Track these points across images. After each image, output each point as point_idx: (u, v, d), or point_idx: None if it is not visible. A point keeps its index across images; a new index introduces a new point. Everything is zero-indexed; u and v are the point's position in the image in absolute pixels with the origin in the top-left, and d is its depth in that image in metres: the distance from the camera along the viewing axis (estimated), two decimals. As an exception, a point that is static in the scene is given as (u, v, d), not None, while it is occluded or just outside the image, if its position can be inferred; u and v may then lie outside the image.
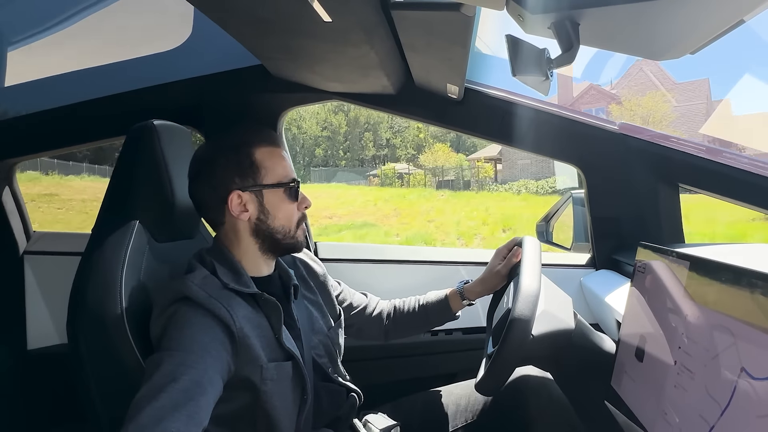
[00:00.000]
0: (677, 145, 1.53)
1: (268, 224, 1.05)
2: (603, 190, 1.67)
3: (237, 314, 0.93)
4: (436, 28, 1.07)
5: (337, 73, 1.50)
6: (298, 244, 1.09)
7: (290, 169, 1.08)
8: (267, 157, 1.05)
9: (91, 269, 1.00)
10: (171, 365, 0.81)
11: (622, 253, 1.64)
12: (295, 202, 1.07)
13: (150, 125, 1.11)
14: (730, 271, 0.59)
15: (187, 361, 0.82)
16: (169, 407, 0.75)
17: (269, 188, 1.04)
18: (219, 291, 0.95)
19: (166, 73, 1.70)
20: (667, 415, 0.67)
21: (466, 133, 1.81)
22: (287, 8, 1.01)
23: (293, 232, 1.07)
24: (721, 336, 0.58)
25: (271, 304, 1.00)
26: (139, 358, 0.93)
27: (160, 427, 0.72)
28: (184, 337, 0.87)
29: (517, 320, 0.90)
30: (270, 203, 1.04)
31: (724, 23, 0.76)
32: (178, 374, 0.80)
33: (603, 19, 0.77)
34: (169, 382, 0.78)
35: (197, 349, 0.85)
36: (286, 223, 1.06)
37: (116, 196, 1.11)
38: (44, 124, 1.71)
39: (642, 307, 0.83)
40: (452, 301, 1.30)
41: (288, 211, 1.06)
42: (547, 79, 0.87)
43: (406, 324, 1.34)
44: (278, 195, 1.05)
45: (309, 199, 1.10)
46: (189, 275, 0.96)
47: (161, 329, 0.90)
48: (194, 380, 0.80)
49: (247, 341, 0.93)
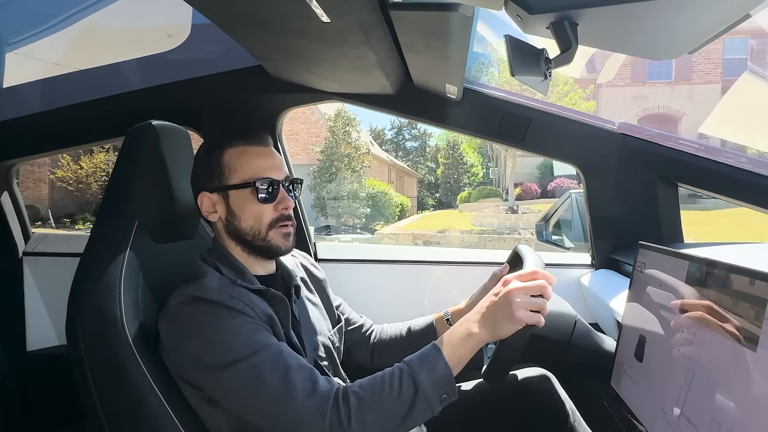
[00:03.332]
0: (676, 144, 1.54)
1: (236, 225, 1.04)
2: (602, 190, 1.67)
3: (257, 309, 0.96)
4: (435, 29, 1.07)
5: (335, 74, 1.50)
6: (273, 247, 1.04)
7: (265, 168, 1.03)
8: (236, 157, 1.03)
9: (90, 270, 1.00)
10: (267, 360, 0.88)
11: (622, 253, 1.64)
12: (266, 203, 1.02)
13: (149, 126, 1.10)
14: (729, 270, 0.59)
15: (267, 352, 0.89)
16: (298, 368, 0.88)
17: (234, 189, 1.02)
18: (236, 289, 0.97)
19: (164, 73, 1.70)
20: (667, 415, 0.67)
21: (465, 134, 1.81)
22: (286, 8, 1.01)
23: (263, 233, 1.03)
24: (722, 336, 0.58)
25: (278, 299, 1.02)
26: (138, 359, 0.93)
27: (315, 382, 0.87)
28: (241, 340, 0.90)
29: None
30: (235, 204, 1.03)
31: (726, 20, 0.76)
32: (281, 360, 0.88)
33: (601, 19, 0.77)
34: (284, 369, 0.87)
35: (258, 339, 0.91)
36: (254, 224, 1.03)
37: (115, 197, 1.11)
38: (43, 126, 1.71)
39: (642, 306, 0.83)
40: (439, 327, 1.25)
41: (255, 211, 1.02)
42: (545, 79, 0.87)
43: (390, 349, 1.30)
44: (244, 195, 1.02)
45: (290, 201, 1.05)
46: (204, 279, 0.97)
47: (195, 337, 0.91)
48: (291, 354, 0.91)
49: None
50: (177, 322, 0.94)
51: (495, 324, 0.88)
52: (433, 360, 0.89)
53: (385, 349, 1.31)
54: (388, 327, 1.33)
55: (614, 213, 1.67)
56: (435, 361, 0.88)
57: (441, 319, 1.26)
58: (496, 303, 0.88)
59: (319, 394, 0.86)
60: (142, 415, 0.92)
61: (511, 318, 0.85)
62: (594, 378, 0.99)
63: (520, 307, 0.85)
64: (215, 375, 0.90)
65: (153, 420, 0.92)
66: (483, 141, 19.65)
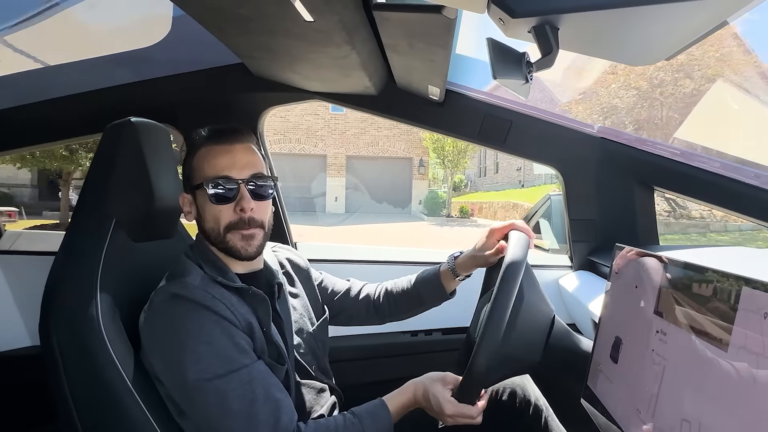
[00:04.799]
0: (653, 148, 1.57)
1: (202, 226, 1.03)
2: (581, 193, 1.70)
3: (237, 313, 0.95)
4: (418, 30, 1.08)
5: (318, 73, 1.49)
6: (232, 250, 1.00)
7: (224, 167, 0.98)
8: (202, 156, 1.01)
9: (65, 270, 0.97)
10: (235, 388, 0.89)
11: (599, 255, 1.67)
12: (222, 204, 0.98)
13: (128, 123, 1.08)
14: (702, 271, 0.60)
15: (239, 377, 0.90)
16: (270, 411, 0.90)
17: (197, 189, 1.01)
18: (217, 289, 0.97)
19: (144, 69, 1.68)
20: (641, 414, 0.69)
21: (447, 135, 1.82)
22: (269, 7, 1.01)
23: (221, 236, 0.99)
24: (695, 336, 0.60)
25: (258, 298, 1.01)
26: (115, 361, 0.91)
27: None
28: (216, 353, 0.90)
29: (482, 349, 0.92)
30: (200, 204, 1.02)
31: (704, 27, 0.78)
32: (249, 390, 0.90)
33: (582, 24, 0.78)
34: (250, 401, 0.89)
35: (234, 357, 0.91)
36: (214, 225, 1.00)
37: (93, 195, 1.08)
38: (18, 121, 1.67)
39: (618, 308, 0.85)
40: (444, 278, 1.24)
41: (213, 212, 0.99)
42: (527, 83, 0.88)
43: (397, 301, 1.29)
44: (204, 196, 0.99)
45: (248, 203, 0.98)
46: (187, 277, 0.96)
47: (171, 341, 0.91)
48: (262, 381, 0.92)
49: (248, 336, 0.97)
50: (156, 321, 0.93)
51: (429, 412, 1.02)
52: (383, 420, 0.99)
53: (393, 304, 1.29)
54: (390, 283, 1.31)
55: (592, 215, 1.69)
56: (383, 423, 0.99)
57: (446, 270, 1.23)
58: (432, 410, 1.01)
59: (280, 430, 0.90)
60: (118, 418, 0.91)
61: (440, 420, 1.01)
62: (571, 378, 1.01)
63: (448, 423, 1.00)
64: (184, 386, 0.90)
65: (130, 422, 0.91)
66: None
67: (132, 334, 0.98)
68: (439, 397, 0.99)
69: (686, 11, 0.73)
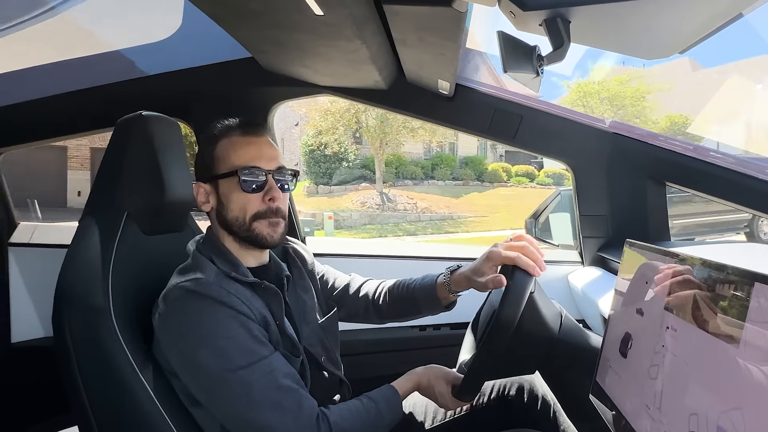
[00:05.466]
0: (666, 144, 1.55)
1: (224, 215, 1.04)
2: (592, 188, 1.68)
3: (252, 307, 0.96)
4: (428, 24, 1.07)
5: (328, 67, 1.49)
6: (258, 237, 1.02)
7: (252, 157, 1.02)
8: (226, 146, 1.04)
9: (78, 262, 0.99)
10: (259, 379, 0.91)
11: (609, 251, 1.66)
12: (253, 193, 1.01)
13: (139, 117, 1.09)
14: (714, 267, 0.60)
15: (260, 368, 0.91)
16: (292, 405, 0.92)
17: (222, 178, 1.02)
18: (232, 284, 0.97)
19: (155, 64, 1.68)
20: (650, 409, 0.69)
21: (456, 129, 1.81)
22: (279, 1, 1.01)
23: (248, 224, 1.02)
24: (706, 333, 0.59)
25: (271, 292, 1.02)
26: (126, 352, 0.92)
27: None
28: (237, 347, 0.91)
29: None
30: (223, 194, 1.03)
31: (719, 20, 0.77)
32: (272, 380, 0.91)
33: (594, 17, 0.78)
34: (273, 391, 0.91)
35: (255, 349, 0.92)
36: (239, 213, 1.02)
37: (104, 189, 1.10)
38: (31, 115, 1.69)
39: (628, 303, 0.84)
40: (440, 291, 1.18)
41: (240, 200, 1.01)
42: (537, 76, 0.87)
43: (396, 305, 1.25)
44: (231, 184, 1.02)
45: (277, 192, 1.03)
46: (200, 272, 0.97)
47: (189, 336, 0.92)
48: (282, 371, 0.93)
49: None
50: (172, 317, 0.93)
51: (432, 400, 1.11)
52: (396, 406, 1.06)
53: (391, 304, 1.26)
54: (390, 282, 1.28)
55: (603, 211, 1.68)
56: (396, 407, 1.05)
57: (443, 285, 1.17)
58: (433, 401, 1.10)
59: (305, 415, 0.92)
60: (129, 409, 0.92)
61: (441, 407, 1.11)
62: (580, 373, 1.00)
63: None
64: (207, 380, 0.91)
65: (141, 413, 0.92)
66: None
67: (142, 326, 0.99)
68: (444, 396, 1.07)
69: (701, 2, 0.72)
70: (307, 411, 0.93)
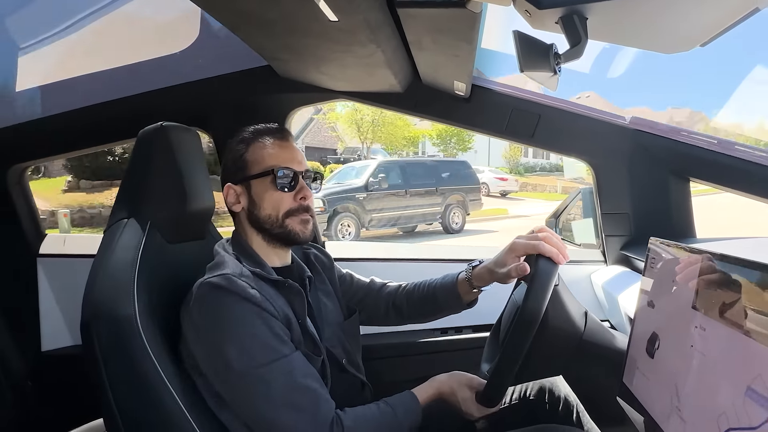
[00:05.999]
0: (688, 138, 1.52)
1: (256, 214, 1.08)
2: (613, 186, 1.66)
3: (276, 305, 0.98)
4: (443, 26, 1.07)
5: (344, 73, 1.50)
6: (291, 233, 1.07)
7: (285, 159, 1.08)
8: (259, 149, 1.09)
9: (103, 271, 1.00)
10: (278, 377, 0.92)
11: (632, 249, 1.63)
12: (286, 192, 1.07)
13: (160, 127, 1.11)
14: (742, 264, 0.58)
15: (280, 366, 0.93)
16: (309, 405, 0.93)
17: (255, 178, 1.07)
18: (257, 281, 0.99)
19: (174, 75, 1.71)
20: (681, 411, 0.67)
21: (474, 131, 1.80)
22: (294, 9, 1.02)
23: (281, 221, 1.07)
24: (736, 332, 0.58)
25: (295, 291, 1.04)
26: (152, 359, 0.93)
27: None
28: (259, 344, 0.93)
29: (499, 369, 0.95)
30: (256, 193, 1.08)
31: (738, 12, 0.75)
32: (291, 379, 0.93)
33: (611, 12, 0.77)
34: (292, 390, 0.92)
35: (276, 347, 0.94)
36: (273, 212, 1.07)
37: (128, 198, 1.12)
38: (55, 128, 1.73)
39: (653, 303, 0.83)
40: (462, 289, 1.19)
41: (274, 199, 1.06)
42: (555, 75, 0.86)
43: (416, 305, 1.26)
44: (264, 184, 1.07)
45: (308, 191, 1.09)
46: (227, 269, 0.99)
47: (215, 331, 0.94)
48: (302, 371, 0.95)
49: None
50: (197, 313, 0.96)
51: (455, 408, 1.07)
52: (415, 411, 1.04)
53: (411, 305, 1.27)
54: (410, 284, 1.29)
55: (625, 209, 1.65)
56: (415, 413, 1.04)
57: (464, 281, 1.18)
58: (456, 409, 1.08)
59: (321, 417, 0.93)
60: (157, 415, 0.93)
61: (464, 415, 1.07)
62: (605, 375, 0.99)
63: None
64: (228, 375, 0.93)
65: (168, 419, 0.93)
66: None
67: (168, 333, 1.01)
68: (468, 402, 1.05)
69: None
70: (324, 413, 0.94)
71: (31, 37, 1.83)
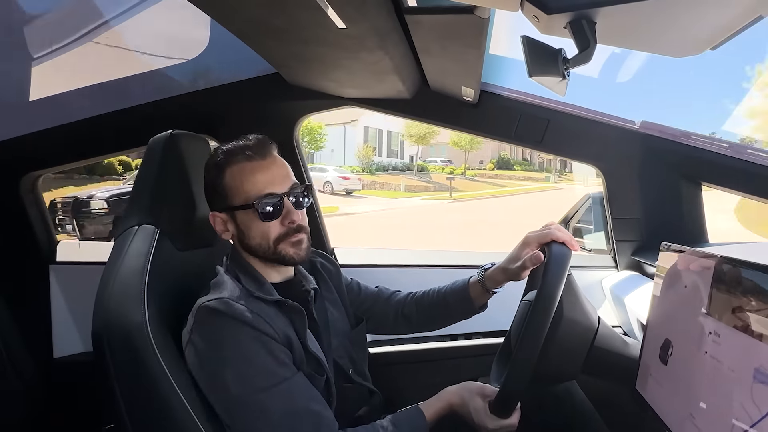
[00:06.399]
0: (700, 143, 1.51)
1: (247, 243, 1.04)
2: (623, 191, 1.64)
3: (276, 327, 0.96)
4: (451, 32, 1.07)
5: (352, 79, 1.50)
6: (285, 258, 1.03)
7: (265, 183, 1.01)
8: (236, 175, 1.01)
9: (114, 278, 1.01)
10: (278, 402, 0.91)
11: (644, 254, 1.62)
12: (271, 221, 1.01)
13: (169, 135, 1.12)
14: (756, 269, 0.57)
15: (279, 392, 0.91)
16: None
17: (238, 209, 1.02)
18: (256, 303, 0.97)
19: (184, 83, 1.73)
20: (695, 419, 0.66)
21: (482, 136, 1.80)
22: (302, 17, 1.02)
23: (272, 249, 1.02)
24: (750, 338, 0.57)
25: (295, 310, 1.02)
26: (163, 366, 0.94)
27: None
28: (258, 368, 0.92)
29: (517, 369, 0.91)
30: (242, 222, 1.03)
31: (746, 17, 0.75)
32: (290, 404, 0.91)
33: (620, 16, 0.76)
34: (291, 415, 0.90)
35: (276, 371, 0.92)
36: (262, 241, 1.02)
37: (138, 206, 1.13)
38: (67, 137, 1.75)
39: (666, 309, 0.82)
40: (473, 291, 1.20)
41: (260, 229, 1.01)
42: (563, 80, 0.86)
43: (427, 314, 1.27)
44: (248, 215, 1.01)
45: (295, 215, 1.02)
46: (225, 291, 0.97)
47: (212, 357, 0.93)
48: (302, 394, 0.93)
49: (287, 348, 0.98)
50: (196, 337, 0.95)
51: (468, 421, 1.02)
52: (415, 419, 1.00)
53: (421, 314, 1.27)
54: (419, 292, 1.30)
55: (636, 214, 1.64)
56: (416, 421, 1.00)
57: (476, 284, 1.20)
58: (470, 422, 1.01)
59: None
60: (167, 422, 0.93)
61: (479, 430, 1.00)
62: (618, 381, 0.97)
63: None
64: (226, 400, 0.92)
65: (178, 427, 0.93)
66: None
67: (178, 341, 1.01)
68: (480, 413, 1.00)
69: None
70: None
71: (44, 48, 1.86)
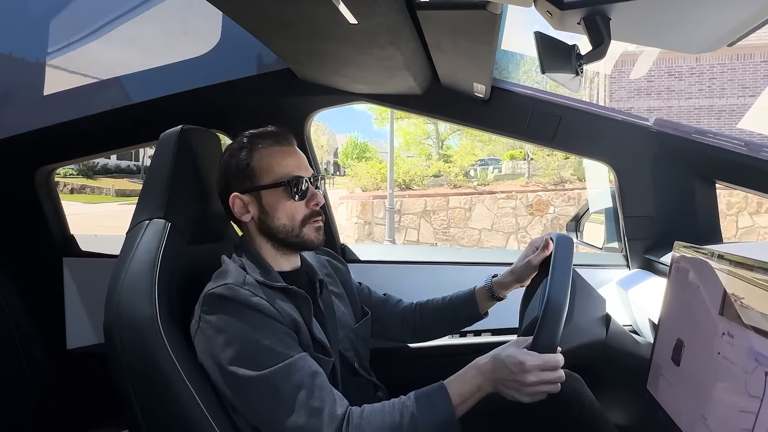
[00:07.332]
0: (715, 140, 1.49)
1: (269, 224, 1.06)
2: (636, 189, 1.63)
3: (282, 311, 0.98)
4: (462, 27, 1.07)
5: (363, 75, 1.50)
6: (307, 242, 1.07)
7: (295, 167, 1.06)
8: (265, 157, 1.06)
9: (125, 273, 1.02)
10: (285, 379, 0.90)
11: (656, 253, 1.60)
12: (299, 201, 1.06)
13: (180, 130, 1.13)
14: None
15: (287, 368, 0.91)
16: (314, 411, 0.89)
17: (267, 189, 1.05)
18: (261, 288, 0.99)
19: (195, 78, 1.74)
20: (707, 420, 0.65)
21: (493, 133, 1.79)
22: (314, 12, 1.02)
23: (297, 230, 1.06)
24: (764, 339, 0.56)
25: (301, 297, 1.03)
26: (172, 358, 0.95)
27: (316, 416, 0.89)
28: (263, 349, 0.92)
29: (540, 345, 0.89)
30: (268, 203, 1.06)
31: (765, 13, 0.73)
32: (298, 381, 0.90)
33: (635, 12, 0.75)
34: (299, 391, 0.90)
35: (281, 350, 0.93)
36: (288, 221, 1.05)
37: (149, 200, 1.13)
38: (80, 132, 1.77)
39: (679, 308, 0.81)
40: (479, 297, 1.27)
41: (288, 209, 1.05)
42: (577, 76, 0.85)
43: (432, 321, 1.31)
44: (277, 194, 1.05)
45: (320, 197, 1.09)
46: (230, 278, 0.98)
47: (220, 342, 0.93)
48: (309, 371, 0.92)
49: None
50: (203, 324, 0.96)
51: (503, 391, 0.92)
52: (439, 405, 0.92)
53: (427, 323, 1.33)
54: (425, 302, 1.35)
55: (648, 212, 1.62)
56: (441, 409, 0.92)
57: (483, 290, 1.27)
58: (509, 376, 0.90)
59: (330, 416, 0.90)
60: (177, 414, 0.94)
61: (519, 393, 0.89)
62: (629, 381, 0.97)
63: (530, 392, 0.88)
64: (235, 382, 0.93)
65: (188, 419, 0.94)
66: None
67: (188, 334, 1.02)
68: (517, 356, 0.89)
69: None
70: (334, 411, 0.90)
71: (58, 42, 1.88)
